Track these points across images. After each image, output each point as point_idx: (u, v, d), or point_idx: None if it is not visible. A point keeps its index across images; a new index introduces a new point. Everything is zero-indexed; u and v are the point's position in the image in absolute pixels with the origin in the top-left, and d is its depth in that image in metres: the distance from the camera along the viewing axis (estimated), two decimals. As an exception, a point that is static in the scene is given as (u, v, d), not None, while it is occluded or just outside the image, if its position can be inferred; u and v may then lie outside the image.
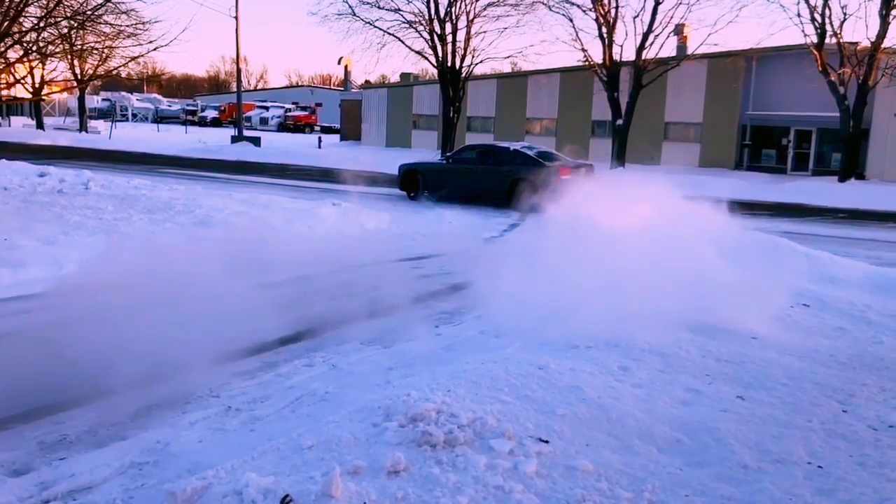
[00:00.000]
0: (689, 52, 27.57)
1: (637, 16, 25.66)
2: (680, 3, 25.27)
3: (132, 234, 9.71)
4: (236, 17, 32.96)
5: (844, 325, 6.24)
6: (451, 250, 10.56)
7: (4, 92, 19.88)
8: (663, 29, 25.64)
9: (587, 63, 26.99)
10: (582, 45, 26.81)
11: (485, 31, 29.33)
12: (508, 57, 35.31)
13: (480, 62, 29.35)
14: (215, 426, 4.13)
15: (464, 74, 29.03)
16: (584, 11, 26.25)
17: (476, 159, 16.63)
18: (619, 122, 26.41)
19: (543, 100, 33.41)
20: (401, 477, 3.27)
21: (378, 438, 3.64)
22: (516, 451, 3.54)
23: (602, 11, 25.68)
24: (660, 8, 25.24)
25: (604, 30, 25.82)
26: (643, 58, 25.67)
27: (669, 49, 29.99)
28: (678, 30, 28.19)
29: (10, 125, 42.71)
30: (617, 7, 25.78)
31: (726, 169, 27.78)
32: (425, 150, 33.71)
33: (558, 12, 26.80)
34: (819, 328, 6.12)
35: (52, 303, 6.76)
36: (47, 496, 3.32)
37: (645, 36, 25.50)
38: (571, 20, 26.46)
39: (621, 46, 26.16)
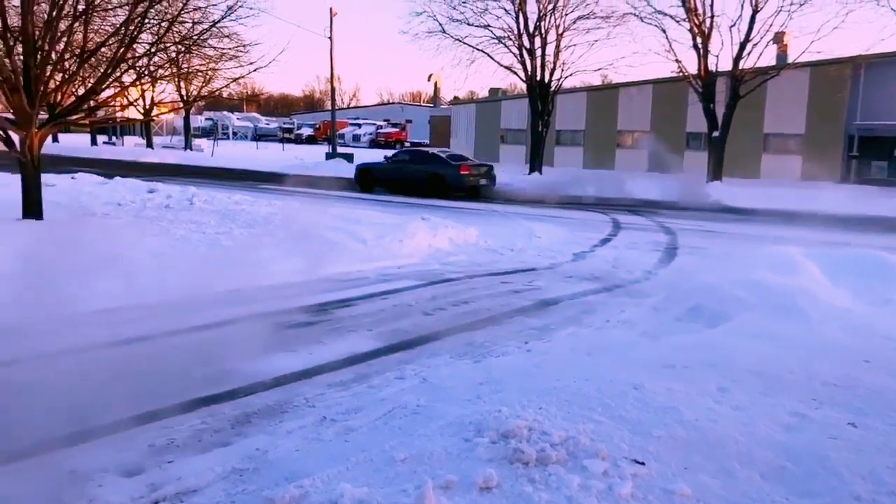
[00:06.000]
0: (790, 60, 26.45)
1: (734, 25, 24.84)
2: (780, 11, 24.31)
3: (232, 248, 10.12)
4: (330, 38, 34.05)
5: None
6: (541, 266, 10.49)
7: (119, 113, 21.23)
8: (762, 38, 24.72)
9: (681, 74, 26.34)
10: (675, 55, 26.17)
11: (574, 45, 29.24)
12: (599, 69, 34.93)
13: (570, 75, 29.18)
14: (311, 436, 4.24)
15: (553, 88, 28.90)
16: (677, 22, 25.69)
17: (407, 160, 22.22)
18: (716, 133, 25.58)
19: (635, 112, 32.83)
20: (493, 494, 3.26)
21: (469, 454, 3.65)
22: (611, 472, 3.46)
23: (696, 21, 25.03)
24: (758, 16, 24.37)
25: (698, 40, 25.14)
26: (740, 68, 24.82)
27: (768, 58, 28.96)
28: (778, 38, 27.14)
29: (123, 144, 45.57)
30: (712, 17, 25.09)
31: (831, 182, 26.42)
32: (513, 164, 33.70)
33: (651, 23, 26.33)
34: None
35: (160, 312, 7.16)
36: (157, 497, 3.49)
37: (742, 45, 24.65)
38: (664, 31, 25.93)
39: (717, 56, 25.41)
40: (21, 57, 11.42)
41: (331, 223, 12.41)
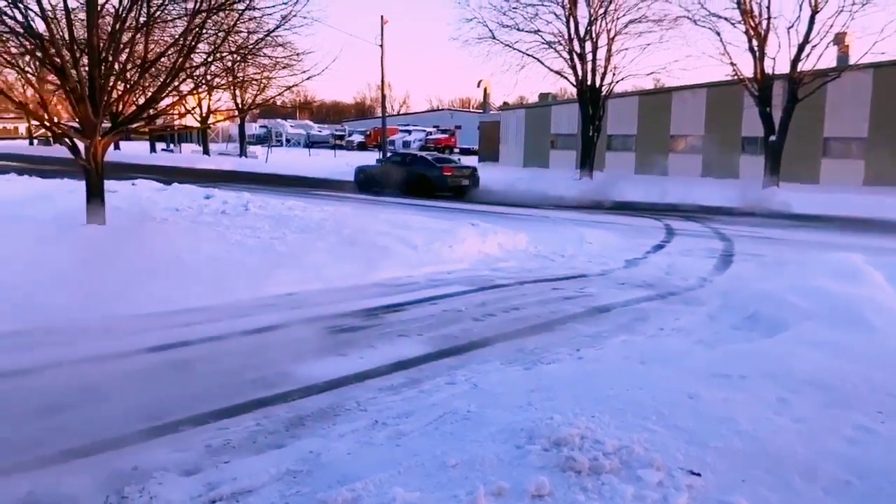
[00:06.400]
0: (852, 62, 25.63)
1: (791, 26, 24.19)
2: (840, 11, 23.59)
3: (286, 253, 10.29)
4: (381, 46, 34.42)
5: None
6: (592, 272, 10.38)
7: (177, 121, 21.84)
8: (821, 39, 24.02)
9: (736, 77, 25.78)
10: (730, 58, 25.61)
11: (626, 49, 28.93)
12: (651, 73, 34.42)
13: (621, 79, 28.91)
14: (363, 439, 4.28)
15: (604, 92, 28.64)
16: (732, 24, 25.16)
17: (398, 162, 24.43)
18: (772, 138, 24.94)
19: (688, 116, 32.26)
20: (545, 501, 3.23)
21: (521, 461, 3.63)
22: (665, 482, 3.40)
23: (752, 24, 24.47)
24: (817, 17, 23.70)
25: (754, 42, 24.58)
26: (798, 70, 24.16)
27: (828, 60, 28.12)
28: (838, 39, 26.35)
29: (180, 151, 46.83)
30: (769, 18, 24.50)
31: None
32: (563, 169, 33.46)
33: (704, 26, 25.84)
34: None
35: (217, 315, 7.33)
36: (213, 496, 3.57)
37: (801, 47, 23.99)
38: (719, 34, 25.43)
39: (773, 59, 24.79)
40: (86, 68, 11.84)
41: (381, 228, 12.52)
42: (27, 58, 13.07)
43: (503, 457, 3.68)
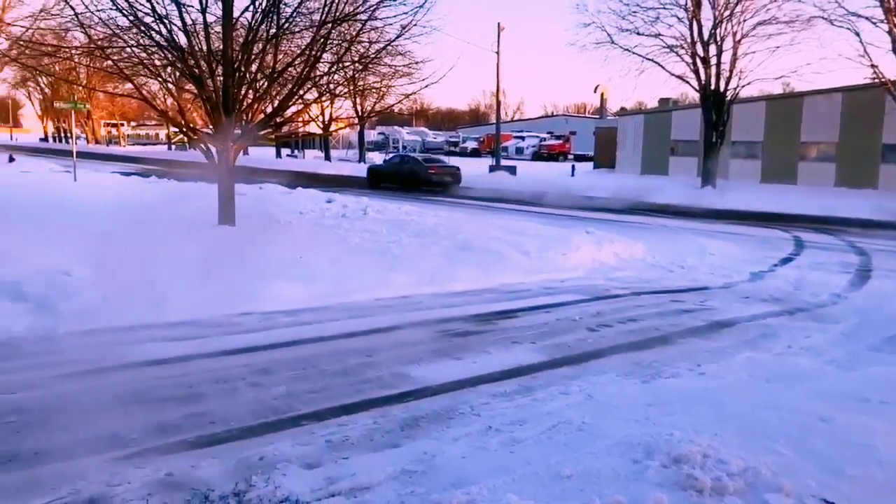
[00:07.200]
0: None
1: (944, 23, 22.30)
2: None
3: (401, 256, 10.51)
4: (497, 53, 34.53)
5: None
6: (714, 285, 9.96)
7: (301, 128, 22.83)
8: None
9: (877, 80, 24.01)
10: (871, 60, 23.88)
11: (753, 52, 27.52)
12: (780, 77, 32.52)
13: (747, 84, 27.53)
14: (476, 444, 4.30)
15: (728, 97, 27.43)
16: (873, 24, 23.46)
17: (398, 163, 29.12)
18: (918, 145, 23.03)
19: (821, 122, 30.32)
20: (664, 520, 3.13)
21: (639, 476, 3.54)
22: (796, 509, 3.22)
23: (896, 22, 22.74)
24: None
25: (899, 42, 22.82)
26: (951, 71, 22.20)
27: None
28: None
29: (303, 157, 48.90)
30: (917, 15, 22.67)
31: None
32: (684, 177, 32.31)
33: (842, 26, 24.21)
34: None
35: (337, 314, 7.60)
36: (333, 490, 3.69)
37: (954, 46, 22.06)
38: (858, 34, 23.76)
39: (922, 59, 22.89)
40: (221, 78, 12.60)
41: (494, 234, 12.56)
42: (169, 69, 14.08)
43: (619, 471, 3.60)
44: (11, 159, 33.32)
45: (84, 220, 12.55)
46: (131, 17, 11.97)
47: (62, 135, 70.42)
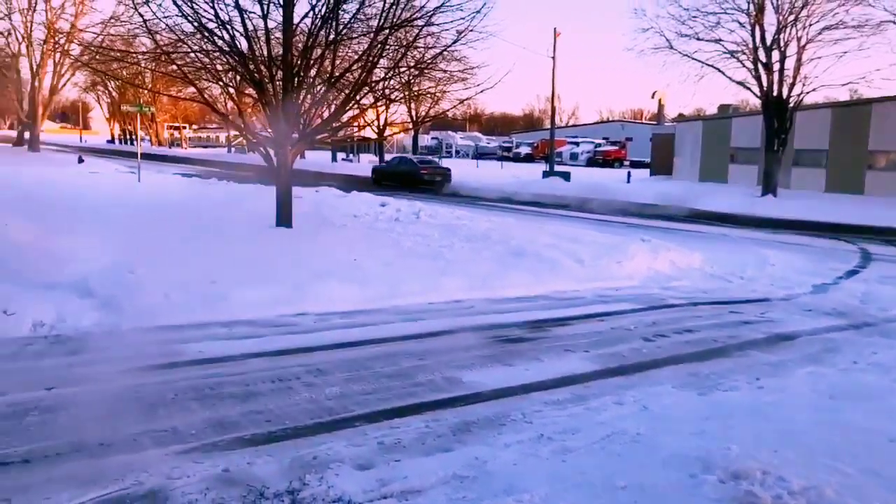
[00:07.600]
0: None
1: None
2: None
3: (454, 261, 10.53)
4: (553, 58, 34.33)
5: None
6: (775, 296, 9.69)
7: (357, 133, 23.12)
8: None
9: (952, 86, 23.00)
10: (947, 66, 22.86)
11: (819, 57, 26.66)
12: (847, 83, 31.47)
13: (812, 90, 26.68)
14: (528, 451, 4.27)
15: (791, 104, 26.65)
16: (950, 27, 22.48)
17: (396, 164, 32.46)
18: None
19: (892, 130, 29.19)
20: (722, 537, 3.06)
21: (695, 490, 3.47)
22: (861, 532, 3.10)
23: (976, 25, 21.74)
24: None
25: (978, 47, 21.80)
26: None
27: None
28: None
29: (359, 161, 49.46)
30: None
31: None
32: (743, 185, 31.54)
33: (915, 30, 23.29)
34: None
35: (390, 317, 7.66)
36: (385, 492, 3.72)
37: None
38: (933, 38, 22.81)
39: None
40: (280, 82, 12.87)
41: (547, 240, 12.47)
42: (230, 73, 14.45)
43: (675, 484, 3.54)
44: (81, 160, 34.69)
45: (147, 220, 12.97)
46: (195, 24, 12.35)
47: (128, 137, 72.90)
